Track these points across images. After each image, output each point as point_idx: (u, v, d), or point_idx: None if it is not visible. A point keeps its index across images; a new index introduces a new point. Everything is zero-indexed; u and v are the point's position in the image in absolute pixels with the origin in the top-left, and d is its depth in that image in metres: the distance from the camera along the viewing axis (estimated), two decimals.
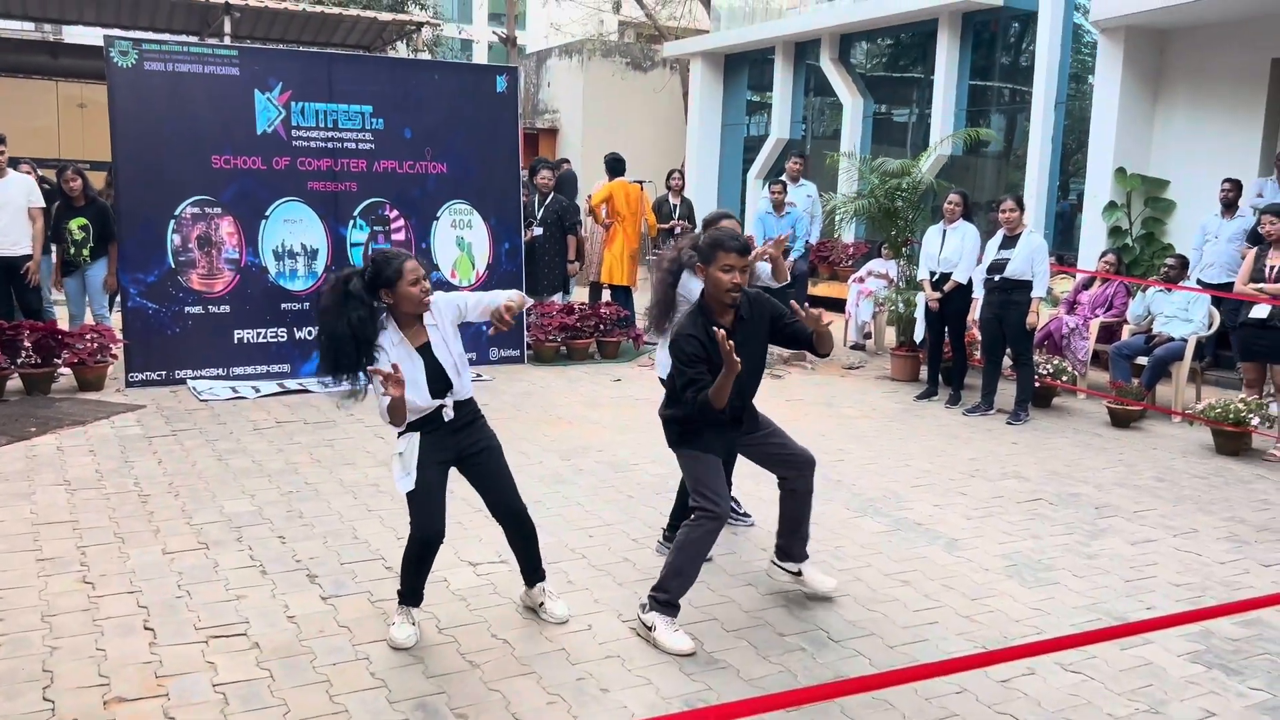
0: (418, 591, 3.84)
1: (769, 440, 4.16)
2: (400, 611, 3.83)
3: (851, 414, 7.84)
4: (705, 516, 3.84)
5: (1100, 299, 9.03)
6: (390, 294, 3.54)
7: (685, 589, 3.87)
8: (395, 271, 3.52)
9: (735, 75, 18.93)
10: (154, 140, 7.85)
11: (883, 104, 16.22)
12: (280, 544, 4.71)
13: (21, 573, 4.27)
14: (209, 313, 8.08)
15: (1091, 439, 7.35)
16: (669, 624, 3.82)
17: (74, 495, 5.28)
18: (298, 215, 8.32)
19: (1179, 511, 5.73)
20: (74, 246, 8.26)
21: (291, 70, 8.28)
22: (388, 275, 3.53)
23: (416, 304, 3.58)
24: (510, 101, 9.18)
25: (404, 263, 3.55)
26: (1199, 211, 9.83)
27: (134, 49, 7.77)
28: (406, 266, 3.54)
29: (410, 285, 3.54)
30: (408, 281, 3.53)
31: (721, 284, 3.78)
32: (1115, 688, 3.65)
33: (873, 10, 14.89)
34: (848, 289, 11.19)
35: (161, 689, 3.38)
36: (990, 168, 14.71)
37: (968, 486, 6.05)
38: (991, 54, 14.36)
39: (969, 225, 8.11)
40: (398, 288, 3.53)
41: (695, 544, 3.85)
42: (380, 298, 3.56)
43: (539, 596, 4.00)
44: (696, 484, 3.91)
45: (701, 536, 3.85)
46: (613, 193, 10.68)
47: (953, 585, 4.54)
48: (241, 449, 6.26)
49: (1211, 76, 10.62)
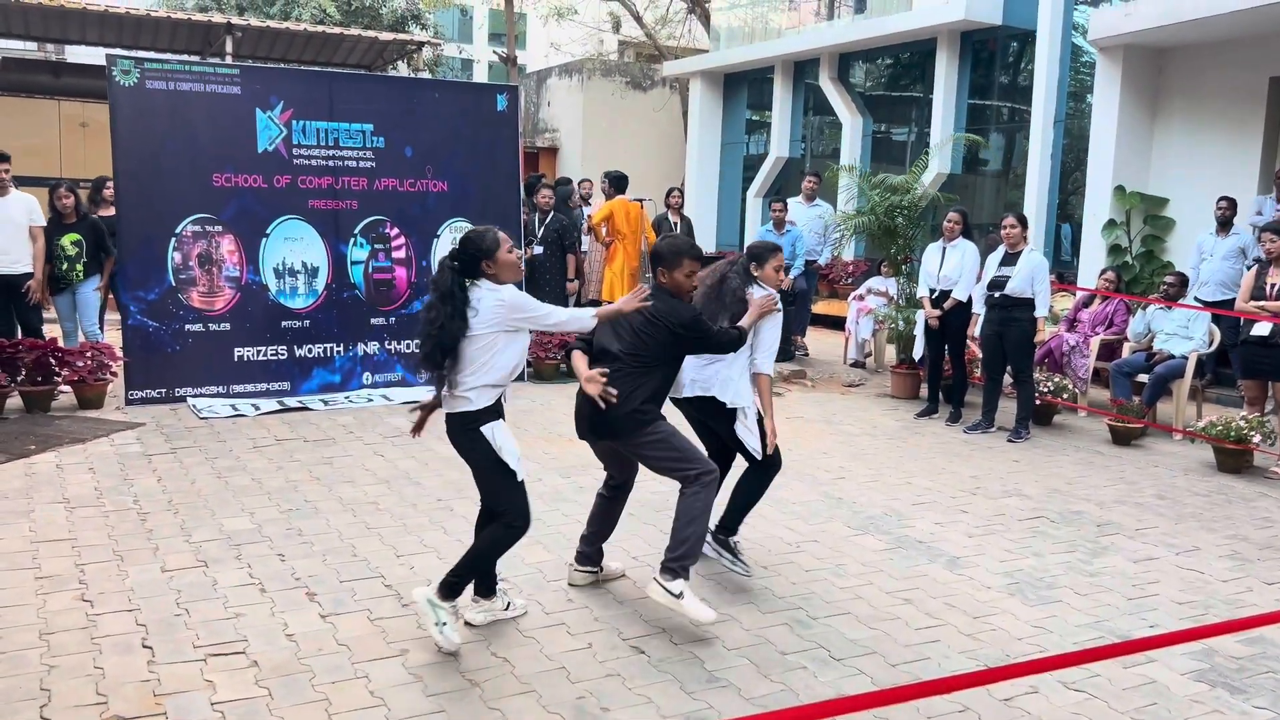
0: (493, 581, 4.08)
1: None
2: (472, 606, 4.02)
3: (852, 432, 7.83)
4: (707, 478, 4.09)
5: (1100, 317, 9.03)
6: (491, 264, 3.78)
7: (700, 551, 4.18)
8: (494, 240, 3.79)
9: (735, 94, 19.01)
10: (155, 159, 7.87)
11: (882, 123, 16.28)
12: (279, 562, 4.69)
13: (20, 591, 4.25)
14: (209, 330, 8.08)
15: (1093, 456, 7.34)
16: (691, 591, 4.04)
17: (73, 513, 5.27)
18: (298, 233, 8.33)
19: (1181, 529, 5.71)
20: (67, 262, 8.27)
21: (293, 89, 8.31)
22: (487, 246, 3.78)
23: (515, 270, 3.85)
24: (511, 120, 9.21)
25: (498, 233, 3.83)
26: (1198, 229, 9.85)
27: (136, 68, 7.80)
28: (501, 236, 3.82)
29: (508, 253, 3.81)
30: (505, 249, 3.81)
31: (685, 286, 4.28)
32: (1119, 706, 3.63)
33: (872, 30, 14.96)
34: (847, 306, 11.20)
35: (160, 707, 3.36)
36: (989, 186, 14.75)
37: (969, 504, 6.04)
38: (990, 73, 14.42)
39: (968, 243, 8.12)
40: (497, 256, 3.79)
41: (707, 506, 4.11)
42: (483, 270, 3.79)
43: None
44: (694, 452, 4.17)
45: (712, 494, 4.12)
46: (613, 210, 10.70)
47: (955, 603, 4.52)
48: (241, 467, 6.25)
49: (1210, 95, 10.67)
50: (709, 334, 4.23)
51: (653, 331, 4.12)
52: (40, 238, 7.97)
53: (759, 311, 4.47)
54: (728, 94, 19.10)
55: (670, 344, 4.15)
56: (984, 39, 14.09)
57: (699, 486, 4.08)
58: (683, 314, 4.16)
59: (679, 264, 4.20)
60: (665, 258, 4.22)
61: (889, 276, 10.53)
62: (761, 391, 4.57)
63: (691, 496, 4.07)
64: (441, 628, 3.73)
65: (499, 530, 3.83)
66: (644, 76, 22.56)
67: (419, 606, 3.78)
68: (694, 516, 4.06)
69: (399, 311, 8.75)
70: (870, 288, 11.18)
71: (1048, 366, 8.89)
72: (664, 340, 4.13)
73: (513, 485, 3.85)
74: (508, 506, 3.84)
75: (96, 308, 8.61)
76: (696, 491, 4.07)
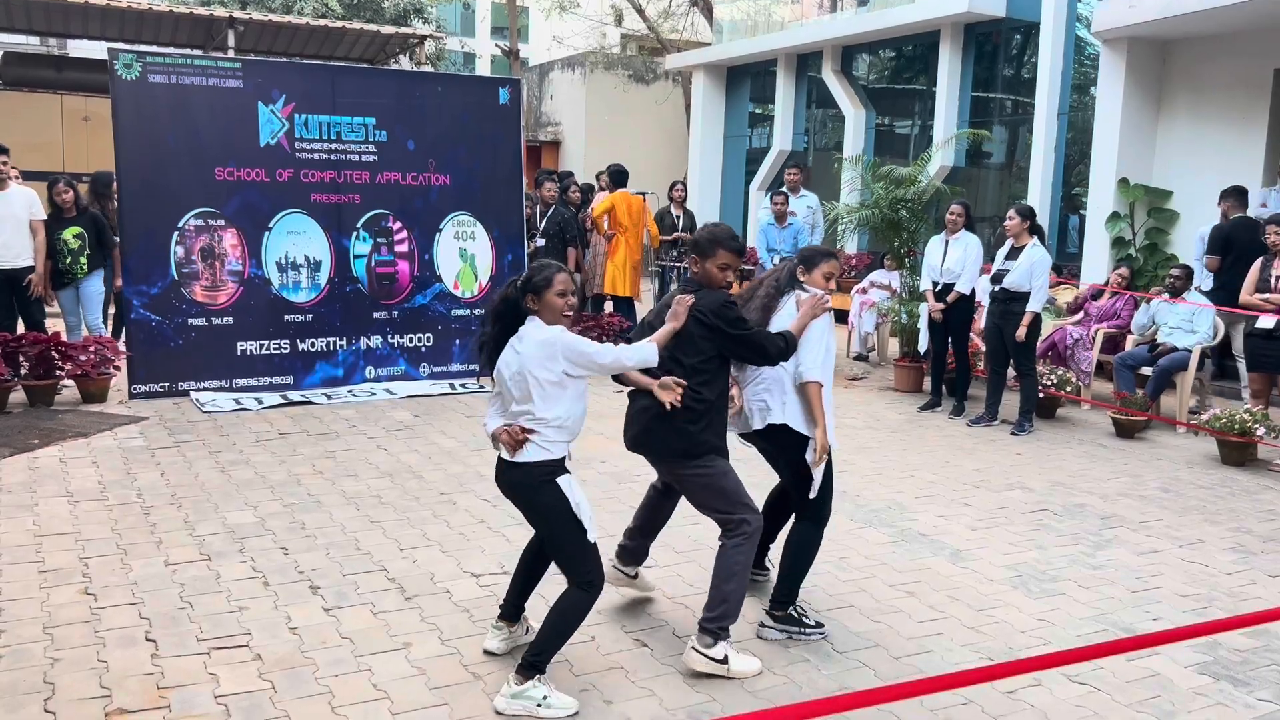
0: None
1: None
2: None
3: (855, 425, 7.83)
4: (755, 527, 3.73)
5: (1109, 310, 9.02)
6: (536, 300, 3.56)
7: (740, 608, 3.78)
8: (545, 280, 3.55)
9: (737, 87, 18.97)
10: (158, 152, 7.86)
11: (885, 116, 16.24)
12: (283, 555, 4.69)
13: (24, 584, 4.26)
14: (212, 324, 8.08)
15: (1096, 450, 7.33)
16: (733, 649, 3.71)
17: (77, 507, 5.27)
18: (301, 227, 8.33)
19: (1185, 522, 5.70)
20: (69, 256, 8.27)
21: (295, 82, 8.31)
22: (537, 282, 3.56)
23: (557, 314, 3.56)
24: (513, 114, 9.19)
25: (555, 274, 3.57)
26: (1202, 222, 9.82)
27: (138, 62, 7.79)
28: (557, 278, 3.56)
29: (556, 295, 3.55)
30: (555, 291, 3.55)
31: (717, 279, 3.82)
32: (1122, 699, 3.63)
33: (874, 22, 14.91)
34: (850, 300, 11.19)
35: (163, 700, 3.36)
36: (993, 179, 14.71)
37: (972, 497, 6.03)
38: (994, 65, 14.38)
39: (971, 235, 8.10)
40: (544, 296, 3.54)
41: (750, 558, 3.77)
42: (528, 304, 3.57)
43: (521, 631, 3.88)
44: (739, 495, 3.74)
45: (751, 551, 3.75)
46: (615, 203, 10.69)
47: (958, 596, 4.52)
48: (244, 460, 6.25)
49: (1214, 87, 10.63)
50: (747, 330, 3.75)
51: (706, 334, 3.70)
52: (41, 231, 7.97)
53: (810, 313, 3.94)
54: (730, 87, 19.06)
55: (711, 342, 3.72)
56: (987, 31, 14.04)
57: (741, 538, 3.70)
58: (713, 300, 3.73)
59: (714, 253, 3.79)
60: (700, 245, 3.84)
61: (892, 270, 10.52)
62: (811, 401, 3.93)
63: (732, 549, 3.70)
64: (546, 703, 3.41)
65: (574, 595, 3.50)
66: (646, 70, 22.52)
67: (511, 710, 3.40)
68: (734, 572, 3.68)
69: (401, 305, 8.75)
70: (873, 281, 11.16)
71: (1051, 360, 8.88)
72: (709, 343, 3.71)
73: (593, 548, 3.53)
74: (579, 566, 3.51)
75: (99, 302, 8.62)
76: (739, 543, 3.70)
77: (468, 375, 8.93)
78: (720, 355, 3.76)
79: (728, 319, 3.70)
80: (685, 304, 3.72)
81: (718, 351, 3.74)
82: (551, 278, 3.55)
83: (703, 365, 3.72)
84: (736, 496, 3.74)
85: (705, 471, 3.74)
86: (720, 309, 3.70)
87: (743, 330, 3.74)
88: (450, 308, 8.93)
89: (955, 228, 8.08)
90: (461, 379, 8.87)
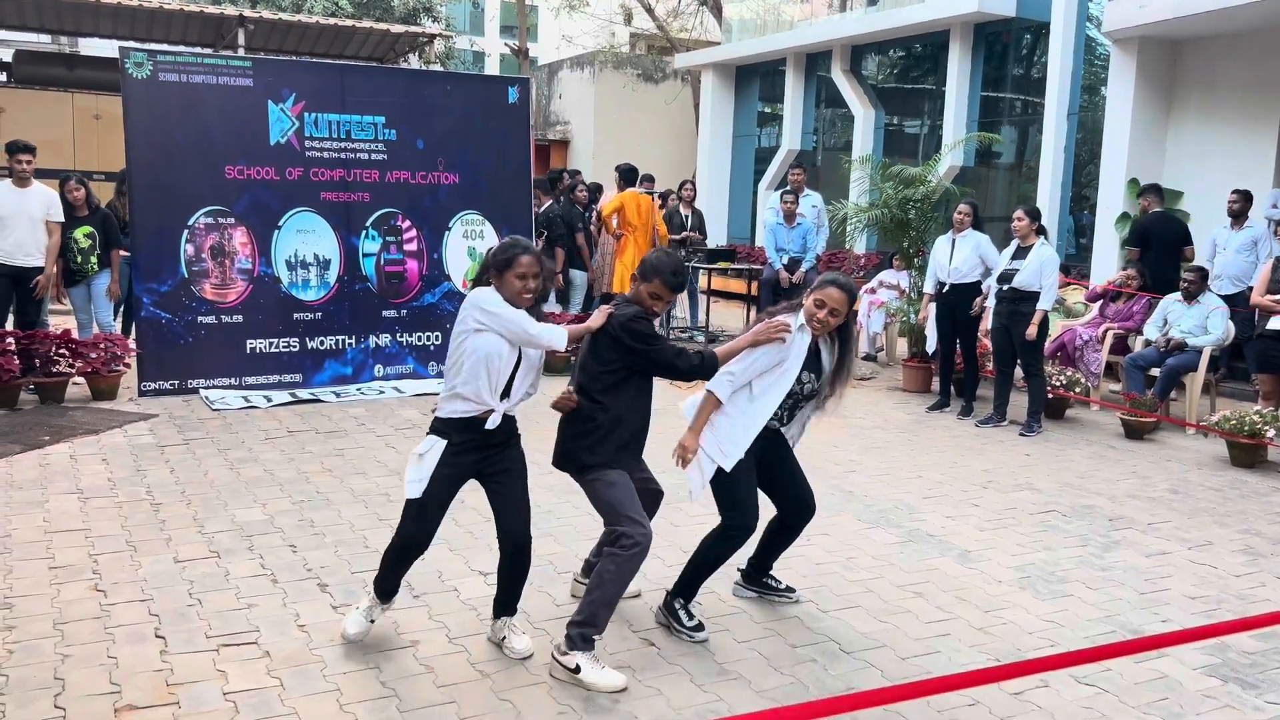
0: (390, 589, 3.86)
1: (640, 472, 4.05)
2: (370, 602, 3.85)
3: (863, 425, 7.82)
4: (636, 542, 3.65)
5: (1125, 312, 8.99)
6: (497, 278, 3.64)
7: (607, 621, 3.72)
8: (506, 260, 3.63)
9: (746, 87, 18.97)
10: (168, 151, 7.89)
11: (894, 115, 16.23)
12: (291, 553, 4.71)
13: (34, 580, 4.28)
14: (221, 322, 8.11)
15: (1105, 451, 7.32)
16: (594, 661, 3.61)
17: (86, 503, 5.29)
18: (310, 226, 8.35)
19: (1194, 524, 5.69)
20: (81, 255, 8.28)
21: (305, 81, 8.33)
22: (499, 260, 3.64)
23: (513, 296, 3.62)
24: (522, 112, 9.20)
25: (521, 254, 3.63)
26: (1213, 223, 9.79)
27: (149, 60, 7.82)
28: (521, 259, 3.62)
29: (516, 277, 3.61)
30: (515, 273, 3.61)
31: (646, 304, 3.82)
32: (1130, 700, 3.62)
33: (884, 22, 14.91)
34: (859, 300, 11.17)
35: (172, 697, 3.38)
36: (1002, 179, 14.69)
37: (980, 498, 6.02)
38: (1004, 65, 14.35)
39: (979, 234, 8.08)
40: (504, 275, 3.62)
41: (628, 573, 3.69)
42: (489, 279, 3.66)
43: (503, 630, 3.83)
44: (621, 508, 3.71)
45: (633, 568, 3.69)
46: (624, 202, 10.69)
47: (966, 597, 4.51)
48: (253, 458, 6.27)
49: (1225, 87, 10.60)
50: (656, 347, 3.74)
51: (610, 345, 3.75)
52: (57, 233, 7.90)
53: (753, 337, 3.93)
54: (739, 86, 19.06)
55: (617, 356, 3.74)
56: (997, 31, 14.02)
57: (620, 550, 3.64)
58: (625, 314, 3.75)
59: (650, 280, 3.77)
60: (643, 268, 3.83)
61: (901, 269, 10.51)
62: (701, 406, 4.01)
63: (607, 559, 3.67)
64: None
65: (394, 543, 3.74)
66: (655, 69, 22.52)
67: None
68: (602, 581, 3.63)
69: (410, 304, 8.77)
70: (882, 280, 11.16)
71: (1060, 360, 8.85)
72: (615, 354, 3.75)
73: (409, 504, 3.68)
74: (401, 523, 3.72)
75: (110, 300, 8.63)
76: (614, 554, 3.64)
77: None
78: (628, 368, 3.77)
79: (631, 332, 3.71)
80: (604, 313, 3.80)
81: (624, 364, 3.76)
82: (514, 259, 3.61)
83: (605, 374, 3.76)
84: (621, 509, 3.71)
85: (594, 481, 3.78)
86: (627, 323, 3.73)
87: (647, 345, 3.73)
88: (459, 306, 8.93)
89: (962, 227, 8.06)
90: None
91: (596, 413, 3.77)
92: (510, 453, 3.76)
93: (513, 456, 3.76)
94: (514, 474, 3.74)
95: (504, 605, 3.82)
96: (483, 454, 3.69)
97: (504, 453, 3.73)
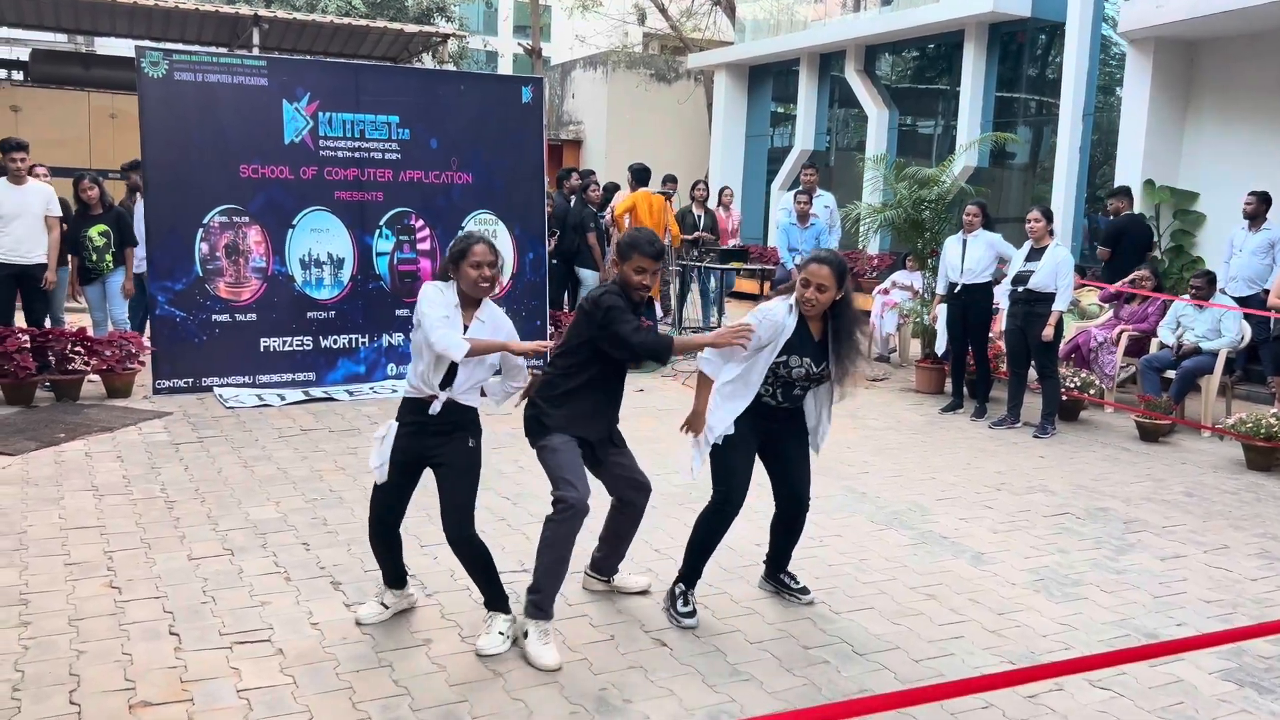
0: (394, 575, 3.98)
1: (622, 460, 4.14)
2: (378, 590, 3.99)
3: (876, 426, 7.80)
4: (569, 505, 3.77)
5: (1139, 314, 8.95)
6: (455, 270, 3.74)
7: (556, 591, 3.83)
8: (462, 250, 3.72)
9: (759, 87, 18.95)
10: (183, 149, 7.93)
11: (908, 116, 16.19)
12: (304, 551, 4.72)
13: (50, 577, 4.30)
14: (236, 321, 8.14)
15: (1119, 453, 7.28)
16: (542, 635, 3.73)
17: (102, 501, 5.32)
18: (324, 225, 8.38)
19: (1209, 527, 5.65)
20: (95, 254, 8.31)
21: (319, 81, 8.35)
22: (454, 252, 3.74)
23: (470, 286, 3.72)
24: (535, 112, 9.21)
25: (474, 245, 3.72)
26: (1229, 224, 9.73)
27: (165, 59, 7.86)
28: (474, 249, 3.70)
29: (470, 267, 3.70)
30: (470, 263, 3.70)
31: (632, 282, 3.94)
32: (1145, 705, 3.60)
33: (898, 22, 14.87)
34: (872, 300, 11.16)
35: (186, 694, 3.39)
36: (1017, 180, 14.64)
37: (994, 500, 6.00)
38: (1018, 65, 14.30)
39: (990, 234, 8.06)
40: (460, 265, 3.71)
41: (563, 538, 3.79)
42: (449, 273, 3.76)
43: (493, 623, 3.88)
44: (559, 471, 3.83)
45: (568, 531, 3.79)
46: (636, 202, 10.69)
47: (979, 599, 4.50)
48: (267, 456, 6.29)
49: (1242, 88, 10.53)
50: (616, 320, 3.80)
51: (583, 319, 3.92)
52: (56, 228, 7.91)
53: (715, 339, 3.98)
54: (753, 86, 19.04)
55: (586, 329, 3.88)
56: (1012, 31, 13.97)
57: (556, 514, 3.78)
58: (599, 289, 3.94)
59: (630, 257, 3.92)
60: (620, 249, 3.99)
61: (914, 270, 10.48)
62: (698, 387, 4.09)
63: (545, 523, 3.82)
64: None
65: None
66: (669, 69, 22.52)
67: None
68: (542, 548, 3.79)
69: None
70: (895, 281, 11.13)
71: (1074, 362, 8.81)
72: (583, 328, 3.90)
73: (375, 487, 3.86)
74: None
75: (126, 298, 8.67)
76: (550, 518, 3.80)
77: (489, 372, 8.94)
78: (593, 345, 3.89)
79: (597, 303, 3.85)
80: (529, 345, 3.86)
81: (589, 337, 3.88)
82: (467, 249, 3.70)
83: (574, 348, 3.94)
84: (557, 473, 3.84)
85: (541, 448, 3.92)
86: (598, 296, 3.88)
87: (608, 317, 3.82)
88: None
89: (972, 227, 8.04)
90: None
91: (556, 378, 3.95)
92: (454, 445, 3.78)
93: (456, 450, 3.78)
94: (453, 470, 3.77)
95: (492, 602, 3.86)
96: (426, 439, 3.77)
97: (448, 444, 3.78)
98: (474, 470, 3.82)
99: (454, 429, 3.79)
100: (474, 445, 3.83)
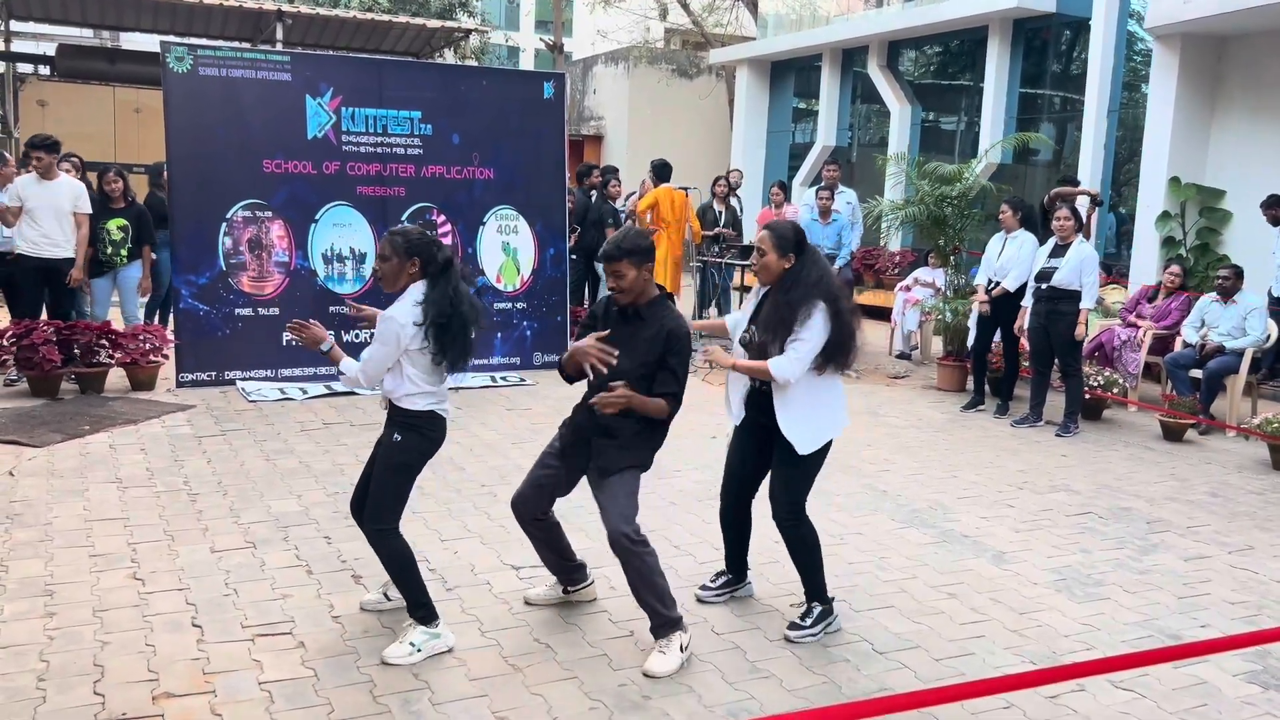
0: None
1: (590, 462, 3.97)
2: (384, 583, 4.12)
3: (897, 424, 7.77)
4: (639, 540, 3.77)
5: (1163, 311, 8.86)
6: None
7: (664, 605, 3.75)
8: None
9: (781, 82, 18.88)
10: (207, 144, 7.97)
11: (931, 112, 16.09)
12: (326, 544, 4.75)
13: (74, 568, 4.35)
14: (258, 315, 8.18)
15: (1143, 452, 7.22)
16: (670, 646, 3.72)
17: (125, 493, 5.37)
18: (347, 219, 8.41)
19: (1234, 528, 5.60)
20: (111, 246, 8.35)
21: (342, 76, 8.38)
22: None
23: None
24: (557, 108, 9.21)
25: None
26: (1256, 222, 9.62)
27: (189, 54, 7.90)
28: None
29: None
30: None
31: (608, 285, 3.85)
32: (1168, 707, 3.57)
33: (922, 17, 14.77)
34: (894, 297, 11.10)
35: (209, 685, 3.41)
36: (1041, 176, 14.52)
37: (1016, 499, 5.96)
38: (1043, 61, 14.18)
39: (1028, 235, 8.04)
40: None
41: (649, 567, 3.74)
42: None
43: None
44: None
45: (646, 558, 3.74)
46: (658, 198, 10.68)
47: (1000, 599, 4.47)
48: (289, 450, 6.33)
49: (1271, 84, 10.40)
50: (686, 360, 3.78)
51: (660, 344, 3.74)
52: (85, 224, 7.94)
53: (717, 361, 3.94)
54: (774, 82, 18.97)
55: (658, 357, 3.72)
56: (1037, 27, 13.86)
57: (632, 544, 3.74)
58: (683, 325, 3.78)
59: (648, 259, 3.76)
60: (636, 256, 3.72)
61: (936, 267, 10.42)
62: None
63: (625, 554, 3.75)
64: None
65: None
66: (690, 64, 22.47)
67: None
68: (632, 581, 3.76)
69: None
70: (917, 278, 11.07)
71: (1098, 360, 8.74)
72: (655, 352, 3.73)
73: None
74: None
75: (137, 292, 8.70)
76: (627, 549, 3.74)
77: (509, 368, 8.97)
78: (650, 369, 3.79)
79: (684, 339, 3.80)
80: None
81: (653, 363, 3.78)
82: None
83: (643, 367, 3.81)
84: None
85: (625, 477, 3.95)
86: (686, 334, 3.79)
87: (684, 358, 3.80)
88: (492, 301, 8.97)
89: (1008, 227, 8.06)
90: (503, 372, 8.91)
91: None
92: (384, 433, 3.91)
93: (384, 437, 3.90)
94: (374, 458, 3.94)
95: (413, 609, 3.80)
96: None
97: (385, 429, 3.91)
98: (388, 460, 3.82)
99: (388, 420, 3.92)
100: (398, 440, 3.82)
